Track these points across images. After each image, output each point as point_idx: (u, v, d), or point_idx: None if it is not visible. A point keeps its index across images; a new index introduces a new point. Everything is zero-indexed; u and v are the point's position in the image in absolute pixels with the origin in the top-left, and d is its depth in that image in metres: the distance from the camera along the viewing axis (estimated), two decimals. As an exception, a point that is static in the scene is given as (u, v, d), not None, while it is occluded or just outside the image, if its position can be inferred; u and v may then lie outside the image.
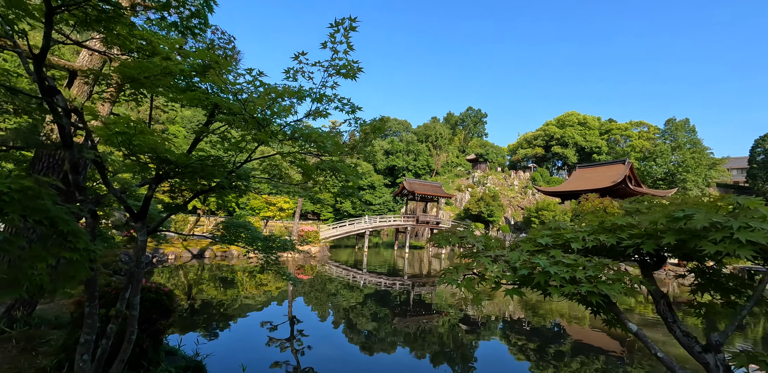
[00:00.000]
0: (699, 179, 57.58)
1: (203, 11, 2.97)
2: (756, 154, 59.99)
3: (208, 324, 9.67)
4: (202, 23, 3.04)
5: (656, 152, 59.80)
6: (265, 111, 2.59)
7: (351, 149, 3.47)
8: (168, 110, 34.70)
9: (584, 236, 2.14)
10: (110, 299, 3.99)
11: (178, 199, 4.12)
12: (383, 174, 69.99)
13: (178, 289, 13.75)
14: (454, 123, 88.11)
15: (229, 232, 4.56)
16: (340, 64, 2.75)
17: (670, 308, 2.32)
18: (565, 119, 71.89)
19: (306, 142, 2.83)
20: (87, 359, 3.11)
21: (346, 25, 2.55)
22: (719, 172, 63.60)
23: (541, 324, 11.80)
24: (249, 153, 2.90)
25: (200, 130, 3.01)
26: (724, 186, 66.49)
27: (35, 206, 2.13)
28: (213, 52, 3.52)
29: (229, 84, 2.36)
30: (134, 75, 2.82)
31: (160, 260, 20.29)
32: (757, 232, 1.71)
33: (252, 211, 30.78)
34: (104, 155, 5.38)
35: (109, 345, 3.29)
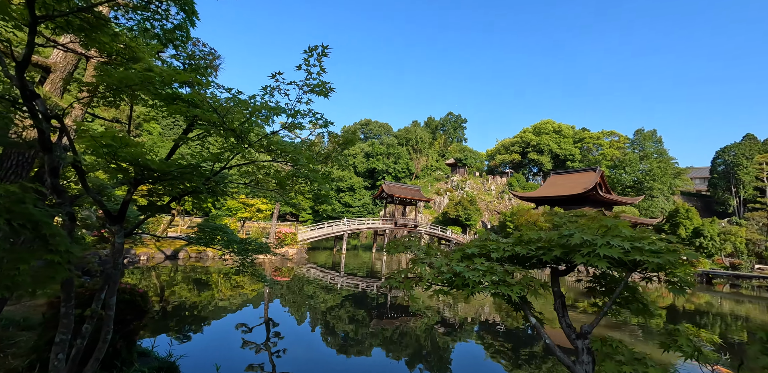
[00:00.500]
0: (664, 187, 60.37)
1: (185, 25, 3.13)
2: (717, 164, 63.40)
3: (181, 327, 9.51)
4: (183, 36, 3.20)
5: (625, 161, 62.41)
6: (243, 123, 2.79)
7: (326, 158, 3.69)
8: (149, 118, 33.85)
9: (504, 247, 2.49)
10: (84, 300, 4.04)
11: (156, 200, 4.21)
12: (363, 176, 70.15)
13: (151, 291, 13.48)
14: (435, 127, 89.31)
15: (205, 234, 4.68)
16: (314, 83, 2.99)
17: (563, 306, 2.83)
18: (541, 127, 74.08)
19: (280, 156, 3.04)
20: (62, 359, 3.19)
21: (319, 51, 2.81)
22: (683, 181, 66.92)
23: (515, 326, 12.19)
24: (226, 162, 3.07)
25: (179, 138, 3.16)
26: (687, 194, 69.91)
27: (20, 210, 2.26)
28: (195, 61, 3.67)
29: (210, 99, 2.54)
30: (115, 84, 2.95)
31: (132, 261, 19.79)
32: (613, 248, 2.20)
33: (229, 211, 30.36)
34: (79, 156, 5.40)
35: (83, 345, 3.37)
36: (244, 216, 29.98)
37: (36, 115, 3.09)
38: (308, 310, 12.68)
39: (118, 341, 4.49)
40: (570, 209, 46.02)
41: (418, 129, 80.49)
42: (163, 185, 3.30)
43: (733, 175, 58.93)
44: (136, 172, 2.90)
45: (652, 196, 59.59)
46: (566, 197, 47.05)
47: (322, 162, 3.67)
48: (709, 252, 35.46)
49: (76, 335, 3.46)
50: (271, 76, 2.81)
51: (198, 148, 7.54)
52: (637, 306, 2.71)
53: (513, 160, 74.72)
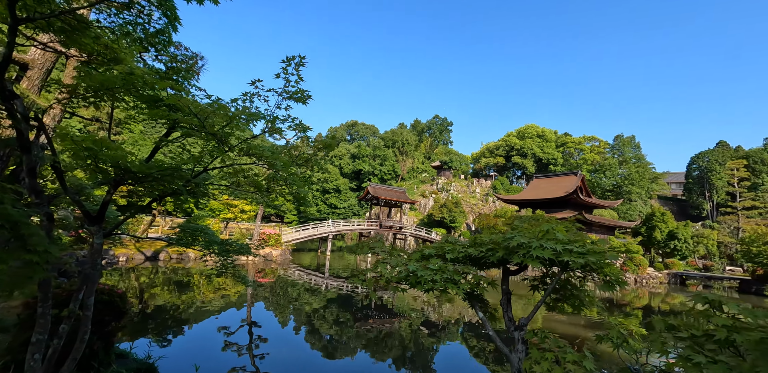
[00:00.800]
0: (642, 192, 62.18)
1: (167, 30, 3.20)
2: (692, 170, 65.62)
3: (162, 329, 9.32)
4: (165, 40, 3.26)
5: (605, 166, 64.07)
6: (223, 128, 2.87)
7: (306, 162, 3.79)
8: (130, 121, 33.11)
9: (459, 248, 2.69)
10: (61, 301, 4.03)
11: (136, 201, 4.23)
12: (349, 178, 70.09)
13: (130, 293, 13.21)
14: (421, 130, 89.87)
15: (185, 235, 4.70)
16: (292, 90, 3.10)
17: (508, 302, 3.14)
18: (524, 131, 75.39)
19: (260, 159, 3.13)
20: (38, 359, 3.20)
21: (297, 61, 2.93)
22: (660, 186, 69.09)
23: (498, 327, 12.30)
24: (206, 165, 3.15)
25: (159, 140, 3.22)
26: (664, 198, 72.16)
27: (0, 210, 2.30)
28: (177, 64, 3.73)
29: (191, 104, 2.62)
30: (96, 87, 3.00)
31: (110, 262, 19.37)
32: (545, 250, 2.44)
33: (212, 212, 29.98)
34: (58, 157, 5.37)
35: (60, 345, 3.38)
36: (228, 217, 29.64)
37: (14, 116, 3.11)
38: (292, 312, 12.60)
39: (95, 342, 4.48)
40: (552, 211, 46.95)
41: (405, 131, 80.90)
42: (143, 186, 3.35)
43: (707, 181, 61.09)
44: (116, 173, 2.95)
45: (631, 199, 61.32)
46: (548, 200, 47.99)
47: (302, 165, 3.77)
48: (683, 254, 36.67)
49: (52, 336, 3.47)
50: (251, 83, 2.91)
51: (179, 150, 7.55)
52: (574, 301, 2.97)
53: (497, 163, 75.80)
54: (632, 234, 42.85)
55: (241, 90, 3.16)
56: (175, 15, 3.09)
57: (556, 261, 2.40)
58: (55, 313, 3.66)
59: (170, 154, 4.16)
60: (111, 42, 3.64)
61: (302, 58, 2.91)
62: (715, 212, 60.68)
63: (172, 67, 3.42)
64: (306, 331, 10.38)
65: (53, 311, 3.57)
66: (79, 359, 4.15)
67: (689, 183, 65.33)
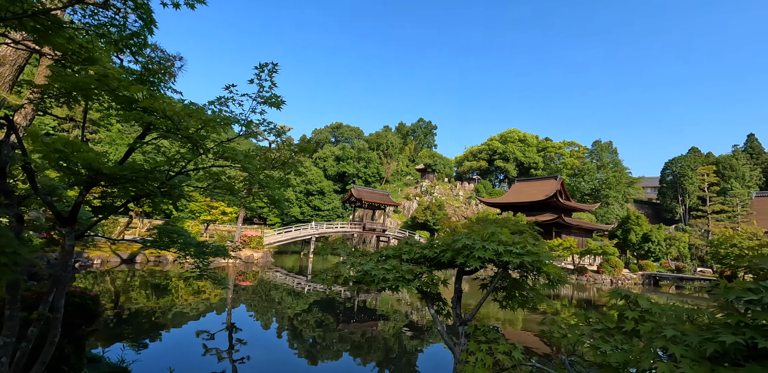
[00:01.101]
0: (619, 196, 64.05)
1: (143, 32, 3.22)
2: (665, 175, 68.00)
3: (138, 334, 9.04)
4: (141, 43, 3.28)
5: (584, 170, 65.81)
6: (198, 131, 2.91)
7: (282, 165, 3.84)
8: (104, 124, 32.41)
9: (416, 250, 2.84)
10: (30, 303, 3.96)
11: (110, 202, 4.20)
12: (333, 180, 69.84)
13: (105, 297, 12.82)
14: (406, 133, 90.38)
15: (162, 236, 4.68)
16: (266, 95, 3.16)
17: (458, 299, 3.36)
18: (507, 136, 76.76)
19: (233, 162, 3.17)
20: (5, 362, 3.15)
21: (270, 68, 3.01)
22: (636, 190, 71.33)
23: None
24: (182, 167, 3.17)
25: (134, 142, 3.23)
26: (640, 202, 74.44)
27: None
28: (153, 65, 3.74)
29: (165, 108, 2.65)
30: (69, 88, 2.99)
31: (84, 264, 18.79)
32: (487, 251, 2.65)
33: (192, 214, 29.43)
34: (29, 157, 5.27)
35: (29, 348, 3.33)
36: (208, 219, 29.17)
37: (-16, 115, 3.07)
38: (274, 315, 12.45)
39: (66, 346, 4.40)
40: (532, 214, 47.85)
41: (390, 134, 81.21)
42: (117, 188, 3.34)
43: (680, 185, 63.37)
44: (89, 175, 2.95)
45: (608, 203, 63.06)
46: (529, 203, 48.93)
47: (278, 168, 3.82)
48: (657, 256, 37.91)
49: (21, 339, 3.41)
50: (225, 87, 2.96)
51: (154, 153, 7.40)
52: (520, 299, 3.18)
53: (480, 167, 76.89)
54: (609, 236, 44.03)
55: (224, 93, 3.18)
56: (151, 18, 3.12)
57: (497, 261, 2.54)
58: (24, 316, 3.60)
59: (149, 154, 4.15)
60: (86, 42, 3.63)
61: (275, 64, 2.99)
62: (688, 216, 62.97)
63: (148, 69, 3.43)
64: (288, 334, 10.28)
65: (22, 313, 3.51)
66: (49, 363, 4.08)
67: (663, 187, 67.64)
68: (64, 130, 38.57)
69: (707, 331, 1.44)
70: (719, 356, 1.40)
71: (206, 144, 3.19)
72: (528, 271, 2.78)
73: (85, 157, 2.53)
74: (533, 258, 2.47)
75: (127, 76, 3.53)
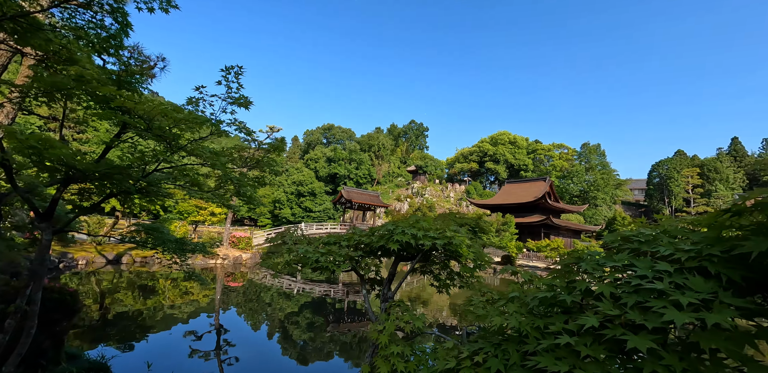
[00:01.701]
0: (607, 197, 64.98)
1: (119, 35, 3.35)
2: (652, 177, 69.18)
3: (123, 336, 8.85)
4: (118, 46, 3.41)
5: (573, 172, 66.67)
6: (170, 129, 3.05)
7: (256, 163, 3.99)
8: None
9: (356, 237, 3.06)
10: (8, 298, 4.04)
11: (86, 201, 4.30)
12: (325, 181, 69.71)
13: (90, 298, 12.67)
14: (397, 134, 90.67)
15: (139, 233, 4.79)
16: (235, 96, 3.32)
17: (389, 281, 3.66)
18: (497, 138, 77.45)
19: (203, 160, 3.33)
20: (-21, 352, 3.25)
21: (236, 70, 3.18)
22: (624, 192, 72.41)
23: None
24: (156, 165, 3.31)
25: (111, 140, 3.36)
26: (627, 204, 75.61)
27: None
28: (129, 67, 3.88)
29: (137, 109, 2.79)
30: (47, 88, 3.12)
31: (69, 265, 18.61)
32: (405, 235, 2.94)
33: (180, 215, 29.26)
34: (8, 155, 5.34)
35: (5, 340, 3.43)
36: (197, 220, 29.02)
37: (-37, 114, 3.18)
38: (263, 317, 12.35)
39: (45, 341, 4.48)
40: (521, 216, 48.39)
41: (381, 136, 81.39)
42: (94, 185, 3.46)
43: (666, 187, 64.54)
44: (66, 172, 3.07)
45: (596, 205, 63.95)
46: (518, 204, 49.48)
47: (253, 167, 3.98)
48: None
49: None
50: (195, 88, 3.11)
51: (131, 150, 7.46)
52: (443, 282, 3.60)
53: (471, 168, 77.44)
54: (596, 237, 44.70)
55: (195, 94, 3.31)
56: (127, 21, 3.25)
57: (415, 245, 2.77)
58: (1, 308, 3.70)
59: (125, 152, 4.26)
60: (67, 43, 3.75)
61: (240, 67, 3.15)
62: (674, 217, 64.10)
63: (126, 70, 3.56)
64: (278, 335, 10.20)
65: (0, 306, 3.61)
66: (27, 357, 4.18)
67: (650, 189, 68.80)
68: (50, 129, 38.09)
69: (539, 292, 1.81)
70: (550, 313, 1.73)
71: (180, 142, 3.34)
72: (451, 254, 2.99)
73: (59, 153, 2.65)
74: (444, 241, 2.71)
75: (106, 76, 3.66)
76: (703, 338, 1.24)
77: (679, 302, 1.29)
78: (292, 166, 72.19)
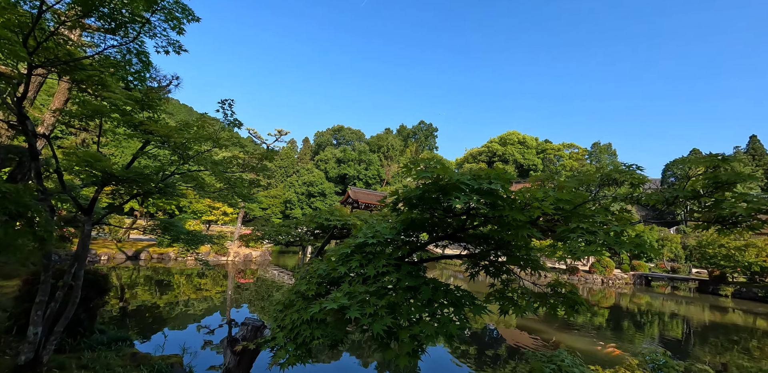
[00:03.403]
0: (618, 197, 64.44)
1: (143, 70, 4.32)
2: (667, 176, 68.42)
3: (142, 327, 9.49)
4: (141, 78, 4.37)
5: (583, 172, 66.21)
6: (183, 144, 4.01)
7: (251, 168, 4.95)
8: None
9: (301, 223, 3.96)
10: (57, 276, 5.06)
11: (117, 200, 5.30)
12: (335, 182, 71.05)
13: (111, 292, 13.41)
14: (407, 135, 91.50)
15: (159, 227, 5.80)
16: (231, 119, 4.28)
17: (318, 253, 4.19)
18: (506, 138, 77.55)
19: (204, 167, 4.30)
20: (39, 315, 4.26)
21: (229, 102, 4.13)
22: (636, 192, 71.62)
23: (480, 329, 12.55)
24: (171, 171, 4.28)
25: (137, 152, 4.34)
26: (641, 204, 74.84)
27: (22, 202, 3.40)
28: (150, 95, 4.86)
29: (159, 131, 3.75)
30: (88, 113, 4.11)
31: (92, 260, 20.02)
32: (321, 219, 3.52)
33: (194, 214, 30.69)
34: (50, 161, 6.39)
35: (56, 307, 4.44)
36: (210, 219, 30.40)
37: (28, 133, 4.20)
38: (272, 312, 12.80)
39: (81, 313, 5.51)
40: (529, 216, 48.58)
41: (390, 136, 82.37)
42: (123, 187, 4.44)
43: (679, 187, 63.71)
44: (104, 177, 4.05)
45: (607, 205, 63.55)
46: (525, 204, 49.71)
47: (249, 172, 4.93)
48: (650, 256, 38.60)
49: (51, 301, 4.52)
50: (200, 116, 4.04)
51: (151, 160, 8.57)
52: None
53: (480, 168, 77.70)
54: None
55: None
56: (149, 61, 4.22)
57: (324, 225, 3.63)
58: (52, 283, 4.71)
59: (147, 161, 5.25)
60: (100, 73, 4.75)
61: (232, 100, 4.11)
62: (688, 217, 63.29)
63: (147, 95, 4.54)
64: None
65: (51, 281, 4.62)
66: (69, 325, 5.20)
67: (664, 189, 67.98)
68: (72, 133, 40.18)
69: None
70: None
71: (190, 153, 4.31)
72: (346, 234, 3.88)
73: (103, 164, 3.63)
74: (340, 223, 3.57)
75: (132, 100, 4.64)
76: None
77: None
78: (303, 168, 73.79)
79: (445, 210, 2.51)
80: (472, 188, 2.15)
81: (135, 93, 4.58)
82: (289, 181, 69.66)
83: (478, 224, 2.58)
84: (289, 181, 69.91)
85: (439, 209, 2.50)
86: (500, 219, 2.24)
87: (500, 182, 2.16)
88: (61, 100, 6.78)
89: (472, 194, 2.15)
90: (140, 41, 3.93)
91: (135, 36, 3.89)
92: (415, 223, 2.68)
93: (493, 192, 2.17)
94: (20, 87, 4.22)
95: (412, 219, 2.61)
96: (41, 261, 4.28)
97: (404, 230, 2.68)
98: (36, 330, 4.17)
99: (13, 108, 4.01)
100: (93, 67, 4.70)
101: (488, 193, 2.17)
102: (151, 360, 5.26)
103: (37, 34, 3.85)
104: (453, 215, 2.58)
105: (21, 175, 6.58)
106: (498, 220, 2.27)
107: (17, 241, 3.34)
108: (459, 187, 2.17)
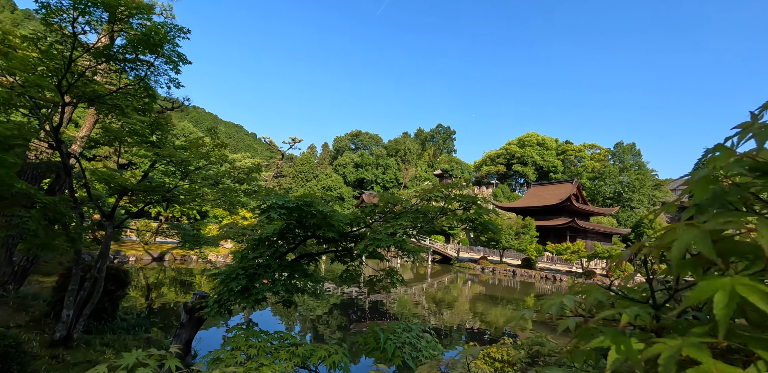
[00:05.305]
0: (644, 199, 62.23)
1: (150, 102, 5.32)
2: (693, 177, 65.91)
3: (164, 324, 9.97)
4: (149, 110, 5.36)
5: (605, 173, 64.53)
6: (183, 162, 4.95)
7: (244, 179, 5.87)
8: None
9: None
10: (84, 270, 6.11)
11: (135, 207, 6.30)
12: (353, 186, 72.28)
13: (137, 290, 14.47)
14: (424, 139, 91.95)
15: (172, 229, 6.81)
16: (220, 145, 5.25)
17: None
18: (525, 140, 76.75)
19: (200, 181, 5.24)
20: (71, 300, 5.27)
21: (213, 130, 5.07)
22: (663, 193, 69.11)
23: (500, 335, 12.20)
24: (175, 184, 5.25)
25: (148, 169, 5.33)
26: (665, 206, 72.26)
27: (59, 210, 4.40)
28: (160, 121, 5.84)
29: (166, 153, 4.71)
30: (108, 140, 5.13)
31: (121, 261, 21.68)
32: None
33: (215, 218, 32.35)
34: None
35: (85, 294, 5.46)
36: (229, 223, 31.96)
37: (63, 154, 5.24)
38: (286, 311, 12.83)
39: (105, 302, 6.56)
40: (547, 218, 48.19)
41: (408, 140, 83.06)
42: (138, 196, 5.44)
43: (707, 188, 61.21)
44: (121, 189, 5.04)
45: (632, 207, 61.58)
46: (543, 207, 49.24)
47: (242, 181, 5.84)
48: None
49: (80, 289, 5.54)
50: (194, 140, 5.01)
51: (159, 175, 9.88)
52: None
53: (498, 171, 77.17)
54: (623, 240, 43.66)
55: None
56: (156, 95, 5.21)
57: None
58: (81, 275, 5.74)
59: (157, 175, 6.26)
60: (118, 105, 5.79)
61: (225, 143, 5.09)
62: (716, 220, 60.71)
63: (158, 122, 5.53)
64: (301, 330, 10.92)
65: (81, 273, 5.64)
66: (95, 311, 6.23)
67: (690, 190, 65.54)
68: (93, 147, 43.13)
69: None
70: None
71: (191, 168, 5.26)
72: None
73: (119, 180, 4.62)
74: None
75: (145, 124, 5.65)
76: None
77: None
78: (322, 172, 75.50)
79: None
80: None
81: (146, 118, 5.59)
82: (309, 185, 71.36)
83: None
84: (308, 185, 71.63)
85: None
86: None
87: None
88: (91, 121, 7.93)
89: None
90: (147, 79, 4.90)
91: (144, 75, 4.87)
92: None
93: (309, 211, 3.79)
94: (55, 116, 5.27)
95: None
96: (74, 258, 5.30)
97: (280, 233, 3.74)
98: (68, 312, 5.18)
99: (51, 134, 5.05)
100: (114, 97, 5.74)
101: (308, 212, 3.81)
102: (162, 343, 6.22)
103: (68, 77, 4.88)
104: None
105: (58, 186, 7.74)
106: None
107: (55, 241, 4.33)
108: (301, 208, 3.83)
